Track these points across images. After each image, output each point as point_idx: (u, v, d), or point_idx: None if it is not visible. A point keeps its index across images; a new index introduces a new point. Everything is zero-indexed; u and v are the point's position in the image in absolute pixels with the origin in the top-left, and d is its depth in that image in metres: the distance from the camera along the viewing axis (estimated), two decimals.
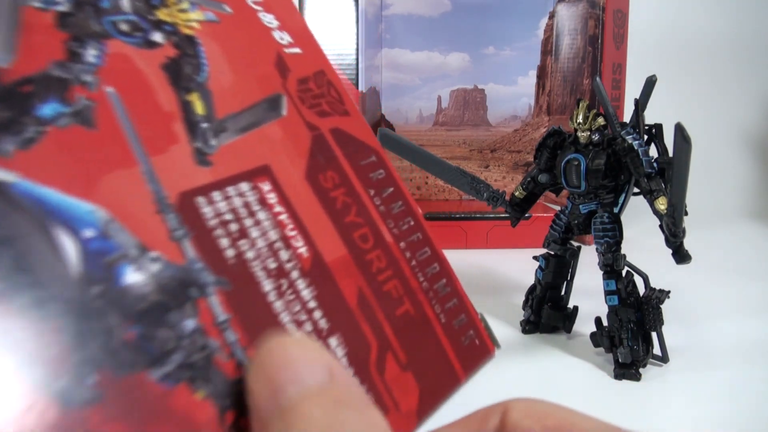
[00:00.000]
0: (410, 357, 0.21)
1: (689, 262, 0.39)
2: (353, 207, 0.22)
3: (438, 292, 0.23)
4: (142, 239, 0.17)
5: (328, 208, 0.21)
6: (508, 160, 0.83)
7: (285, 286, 0.19)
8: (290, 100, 0.23)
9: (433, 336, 0.22)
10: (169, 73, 0.20)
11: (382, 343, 0.21)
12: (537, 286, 0.47)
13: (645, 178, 0.39)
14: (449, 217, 0.72)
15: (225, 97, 0.21)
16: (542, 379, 0.40)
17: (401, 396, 0.20)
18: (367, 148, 0.24)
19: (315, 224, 0.21)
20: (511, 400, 0.20)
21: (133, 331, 0.16)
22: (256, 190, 0.20)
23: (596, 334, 0.43)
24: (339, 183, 0.22)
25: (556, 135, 0.45)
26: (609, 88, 0.72)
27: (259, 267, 0.19)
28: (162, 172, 0.18)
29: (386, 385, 0.20)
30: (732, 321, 0.50)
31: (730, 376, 0.41)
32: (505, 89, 0.82)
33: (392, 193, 0.24)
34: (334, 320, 0.20)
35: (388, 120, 0.82)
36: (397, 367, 0.20)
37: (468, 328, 0.24)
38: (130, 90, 0.19)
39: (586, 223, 0.44)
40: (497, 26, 0.80)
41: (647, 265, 0.42)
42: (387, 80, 0.80)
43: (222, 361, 0.17)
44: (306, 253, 0.20)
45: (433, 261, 0.24)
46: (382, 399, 0.20)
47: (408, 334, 0.21)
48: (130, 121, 0.19)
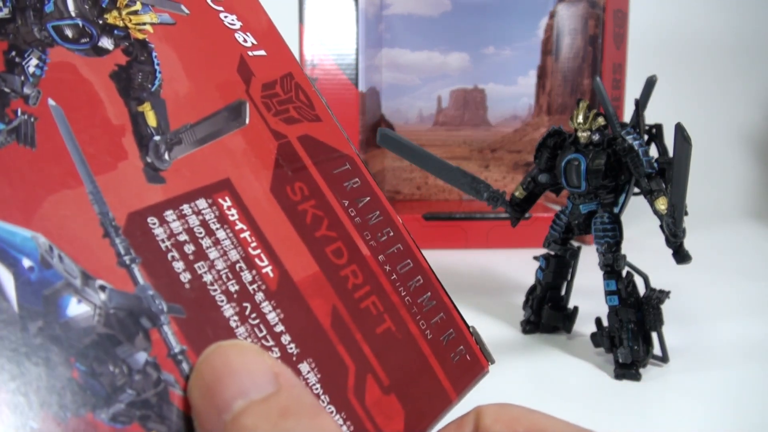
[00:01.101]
0: (393, 378, 0.19)
1: (689, 262, 0.39)
2: (325, 220, 0.21)
3: (423, 307, 0.22)
4: (87, 267, 0.16)
5: (297, 223, 0.20)
6: (508, 160, 0.83)
7: (249, 310, 0.18)
8: (254, 107, 0.21)
9: (419, 354, 0.21)
10: (119, 82, 0.18)
11: (360, 365, 0.19)
12: (537, 286, 0.47)
13: (645, 178, 0.39)
14: (449, 217, 0.72)
15: (180, 107, 0.19)
16: (542, 380, 0.40)
17: (384, 421, 0.19)
18: (341, 156, 0.23)
19: (282, 241, 0.19)
20: (483, 406, 0.19)
21: (78, 368, 0.15)
22: (215, 206, 0.19)
23: (596, 335, 0.43)
24: (308, 195, 0.21)
25: (557, 135, 0.45)
26: (609, 88, 0.72)
27: (219, 290, 0.17)
28: (110, 192, 0.17)
29: (367, 410, 0.18)
30: (732, 321, 0.50)
31: (730, 376, 0.41)
32: (505, 89, 0.82)
33: (369, 203, 0.22)
34: (305, 344, 0.18)
35: (388, 120, 0.82)
36: (379, 391, 0.19)
37: (458, 343, 0.22)
38: (75, 103, 0.17)
39: (587, 223, 0.44)
40: (497, 26, 0.80)
41: (647, 266, 0.42)
42: (387, 80, 0.80)
43: (178, 396, 0.16)
44: (272, 273, 0.19)
45: (416, 273, 0.22)
46: (363, 426, 0.18)
47: (390, 353, 0.20)
48: (74, 137, 0.17)
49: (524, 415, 0.19)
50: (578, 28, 0.76)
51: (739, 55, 1.09)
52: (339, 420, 0.18)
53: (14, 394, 0.14)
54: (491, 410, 0.19)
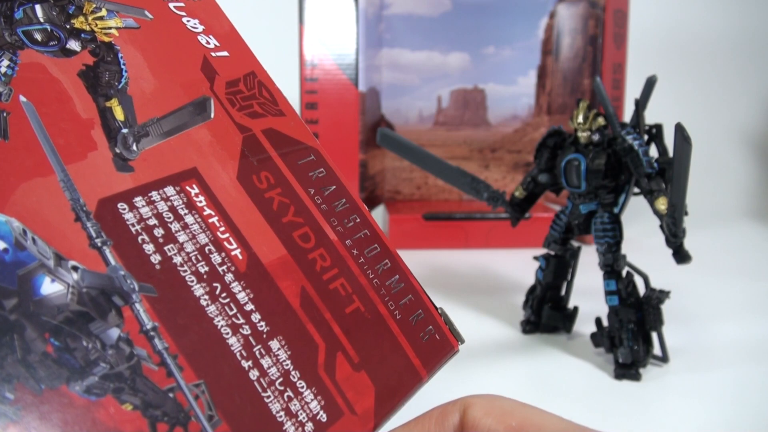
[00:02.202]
0: (363, 356, 0.20)
1: (689, 262, 0.38)
2: (291, 207, 0.22)
3: (391, 289, 0.23)
4: (60, 249, 0.17)
5: (264, 209, 0.21)
6: (508, 160, 0.83)
7: (219, 290, 0.19)
8: (218, 102, 0.22)
9: (388, 333, 0.22)
10: (87, 80, 0.20)
11: (330, 343, 0.20)
12: (537, 286, 0.47)
13: (645, 178, 0.39)
14: (449, 217, 0.72)
15: (147, 102, 0.21)
16: (542, 380, 0.40)
17: (355, 397, 0.20)
18: (306, 148, 0.24)
19: (249, 226, 0.20)
20: (471, 396, 0.19)
21: (52, 343, 0.16)
22: (183, 193, 0.20)
23: (596, 335, 0.43)
24: (274, 183, 0.22)
25: (557, 135, 0.45)
26: (609, 88, 0.72)
27: (189, 271, 0.18)
28: (80, 180, 0.18)
29: (338, 386, 0.19)
30: (732, 321, 0.50)
31: (730, 376, 0.41)
32: (505, 89, 0.82)
33: (334, 191, 0.24)
34: (275, 322, 0.19)
35: (388, 120, 0.82)
36: (349, 367, 0.20)
37: (427, 323, 0.23)
38: (45, 99, 0.19)
39: (587, 224, 0.44)
40: (497, 26, 0.80)
41: (647, 265, 0.42)
42: (387, 80, 0.80)
43: (151, 370, 0.16)
44: (240, 256, 0.20)
45: (384, 257, 0.23)
46: (334, 401, 0.19)
47: (360, 332, 0.21)
48: (45, 130, 0.18)
49: (516, 408, 0.18)
50: (578, 28, 0.76)
51: (739, 55, 1.09)
52: (309, 395, 0.19)
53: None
54: (481, 402, 0.19)
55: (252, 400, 0.18)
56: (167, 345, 0.17)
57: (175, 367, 0.17)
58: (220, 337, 0.18)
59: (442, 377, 0.42)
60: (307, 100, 0.71)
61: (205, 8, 0.25)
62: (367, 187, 0.73)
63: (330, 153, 0.25)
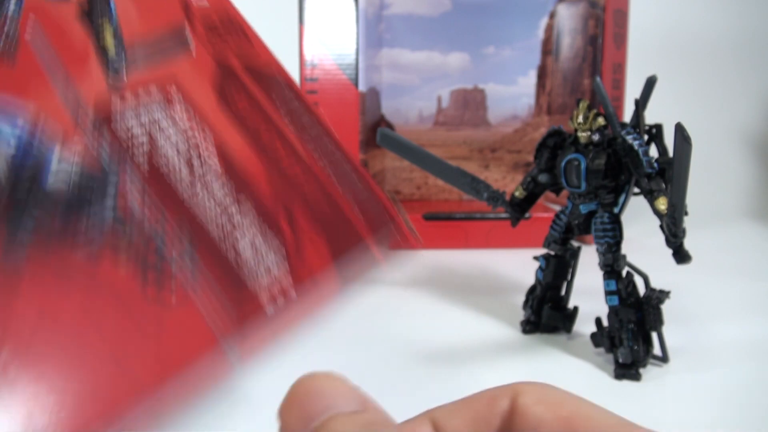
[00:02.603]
0: (317, 217, 0.26)
1: (689, 262, 0.38)
2: (260, 114, 0.27)
3: (349, 182, 0.28)
4: (63, 147, 0.21)
5: (239, 122, 0.26)
6: (508, 160, 0.83)
7: (196, 166, 0.24)
8: (196, 37, 0.28)
9: (343, 213, 0.27)
10: (83, 19, 0.25)
11: (288, 206, 0.25)
12: (537, 286, 0.47)
13: (645, 178, 0.39)
14: (449, 217, 0.72)
15: (135, 38, 0.25)
16: (542, 380, 0.40)
17: (310, 244, 0.25)
18: (274, 77, 0.29)
19: (226, 135, 0.25)
20: (522, 383, 0.19)
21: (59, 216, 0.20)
22: (167, 103, 0.25)
23: (596, 335, 0.43)
24: (246, 99, 0.27)
25: (557, 135, 0.45)
26: (609, 88, 0.72)
27: (174, 154, 0.23)
28: (79, 91, 0.22)
29: (296, 234, 0.25)
30: (732, 321, 0.50)
31: (730, 376, 0.41)
32: (505, 89, 0.82)
33: (298, 108, 0.29)
34: (243, 186, 0.24)
35: (388, 120, 0.82)
36: (307, 222, 0.25)
37: (384, 217, 0.29)
38: (47, 34, 0.23)
39: (586, 224, 0.44)
40: (497, 26, 0.80)
41: (647, 265, 0.42)
42: (387, 80, 0.80)
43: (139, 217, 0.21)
44: (212, 148, 0.25)
45: (342, 162, 0.29)
46: (297, 244, 0.24)
47: (316, 201, 0.26)
48: (48, 56, 0.22)
49: (567, 399, 0.18)
50: (578, 28, 0.76)
51: (739, 55, 1.09)
52: (276, 240, 0.24)
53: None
54: (532, 389, 0.19)
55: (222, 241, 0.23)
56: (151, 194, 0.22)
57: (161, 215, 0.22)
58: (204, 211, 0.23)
59: (442, 377, 0.42)
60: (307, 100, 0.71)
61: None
62: None
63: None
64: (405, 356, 0.43)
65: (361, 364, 0.42)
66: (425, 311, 0.52)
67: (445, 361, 0.43)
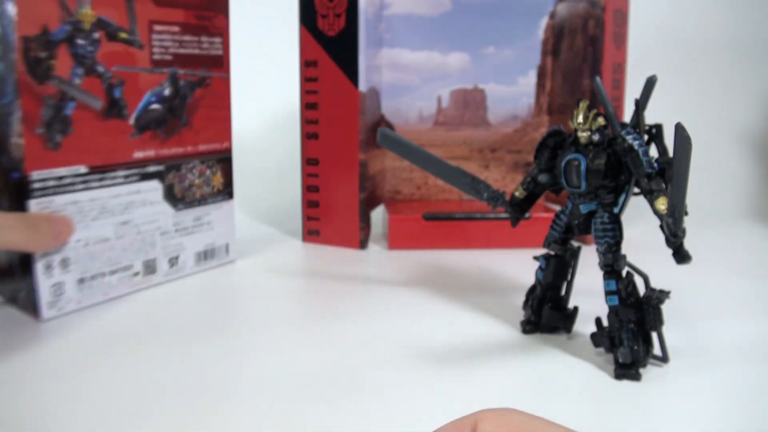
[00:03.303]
0: None
1: (690, 262, 0.38)
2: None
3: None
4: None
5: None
6: (508, 160, 0.83)
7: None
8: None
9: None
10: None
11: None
12: (537, 286, 0.47)
13: (645, 178, 0.39)
14: (449, 217, 0.72)
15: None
16: (542, 380, 0.40)
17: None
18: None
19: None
20: (483, 411, 0.19)
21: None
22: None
23: (596, 335, 0.43)
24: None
25: (557, 135, 0.45)
26: (609, 88, 0.72)
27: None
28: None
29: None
30: (732, 321, 0.50)
31: (730, 376, 0.41)
32: (505, 89, 0.82)
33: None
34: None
35: (388, 120, 0.82)
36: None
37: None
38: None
39: (587, 223, 0.44)
40: (497, 26, 0.80)
41: (647, 265, 0.42)
42: (387, 80, 0.80)
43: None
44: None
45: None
46: None
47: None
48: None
49: (525, 422, 0.18)
50: (578, 28, 0.76)
51: (739, 55, 1.09)
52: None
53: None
54: (492, 416, 0.19)
55: None
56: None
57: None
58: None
59: (442, 377, 0.42)
60: (307, 100, 0.71)
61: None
62: (367, 187, 0.73)
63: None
64: (404, 356, 0.43)
65: (361, 364, 0.42)
66: (425, 311, 0.52)
67: (445, 360, 0.43)
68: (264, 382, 0.39)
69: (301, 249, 0.72)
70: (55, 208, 0.49)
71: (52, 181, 0.48)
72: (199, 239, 0.62)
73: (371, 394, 0.38)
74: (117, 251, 0.54)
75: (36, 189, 0.47)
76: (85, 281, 0.52)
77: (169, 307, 0.52)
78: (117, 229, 0.54)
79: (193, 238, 0.62)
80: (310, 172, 0.73)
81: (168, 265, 0.59)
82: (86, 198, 0.51)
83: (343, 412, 0.36)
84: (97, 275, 0.53)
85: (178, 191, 0.59)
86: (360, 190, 0.71)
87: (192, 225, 0.61)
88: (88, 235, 0.52)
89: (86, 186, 0.51)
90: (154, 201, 0.57)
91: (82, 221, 0.51)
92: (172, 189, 0.59)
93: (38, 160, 0.47)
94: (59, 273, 0.50)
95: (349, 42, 0.68)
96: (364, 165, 0.71)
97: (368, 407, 0.37)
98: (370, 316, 0.51)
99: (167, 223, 0.59)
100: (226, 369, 0.41)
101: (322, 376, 0.40)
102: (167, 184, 0.58)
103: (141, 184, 0.56)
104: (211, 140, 0.63)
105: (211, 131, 0.62)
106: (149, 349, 0.44)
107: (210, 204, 0.63)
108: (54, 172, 0.48)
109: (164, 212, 0.58)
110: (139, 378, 0.40)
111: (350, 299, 0.55)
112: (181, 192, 0.60)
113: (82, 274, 0.51)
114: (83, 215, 0.51)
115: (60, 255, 0.49)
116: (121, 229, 0.54)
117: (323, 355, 0.44)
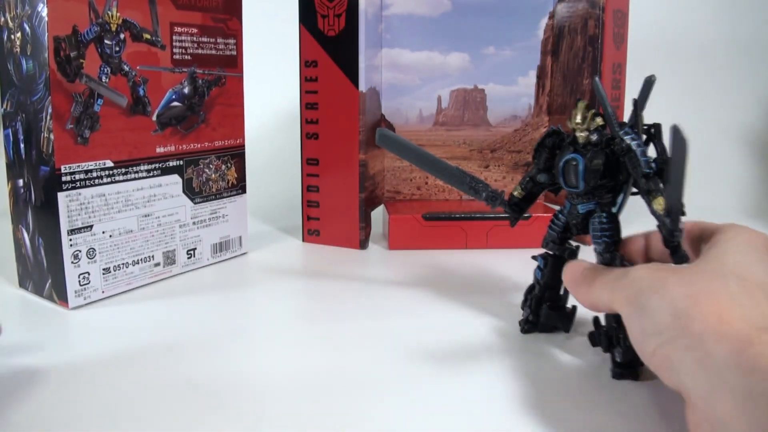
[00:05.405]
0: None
1: (688, 262, 0.39)
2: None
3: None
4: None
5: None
6: (508, 160, 0.84)
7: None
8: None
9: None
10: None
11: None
12: (535, 285, 0.47)
13: (643, 178, 0.39)
14: (449, 217, 0.72)
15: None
16: (541, 379, 0.40)
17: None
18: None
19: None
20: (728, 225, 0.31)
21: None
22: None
23: (594, 334, 0.43)
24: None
25: (555, 135, 0.45)
26: (609, 88, 0.72)
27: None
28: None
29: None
30: None
31: None
32: (505, 89, 0.82)
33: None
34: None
35: (388, 120, 0.82)
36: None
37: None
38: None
39: (585, 223, 0.44)
40: (497, 26, 0.80)
41: None
42: (387, 80, 0.80)
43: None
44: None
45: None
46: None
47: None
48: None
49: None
50: (578, 28, 0.76)
51: (739, 55, 1.09)
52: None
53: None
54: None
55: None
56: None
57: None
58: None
59: (441, 376, 0.42)
60: (307, 100, 0.72)
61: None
62: (367, 187, 0.73)
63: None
64: (404, 356, 0.43)
65: (361, 364, 0.43)
66: (424, 311, 0.53)
67: (445, 360, 0.43)
68: (264, 382, 0.39)
69: (301, 249, 0.73)
70: (83, 201, 0.51)
71: (80, 175, 0.50)
72: (215, 231, 0.65)
73: (371, 394, 0.38)
74: (139, 242, 0.56)
75: (66, 182, 0.49)
76: (110, 271, 0.54)
77: (183, 302, 0.53)
78: (140, 221, 0.56)
79: (210, 230, 0.64)
80: (310, 172, 0.73)
81: (186, 257, 0.62)
82: (112, 191, 0.53)
83: (342, 412, 0.36)
84: (120, 265, 0.55)
85: (196, 185, 0.62)
86: (360, 190, 0.71)
87: (209, 218, 0.64)
88: (113, 227, 0.54)
89: (112, 180, 0.53)
90: (174, 194, 0.59)
91: (108, 213, 0.53)
92: (190, 183, 0.61)
93: (68, 154, 0.49)
94: (86, 263, 0.52)
95: (349, 42, 0.68)
96: (364, 165, 0.71)
97: (368, 406, 0.37)
98: (369, 316, 0.51)
99: (186, 215, 0.61)
100: (226, 369, 0.41)
101: (322, 375, 0.40)
102: (186, 178, 0.61)
103: (162, 178, 0.58)
104: (227, 137, 0.65)
105: (226, 128, 0.65)
106: (153, 350, 0.44)
107: (225, 198, 0.66)
108: (82, 166, 0.50)
109: (183, 205, 0.61)
110: (139, 378, 0.40)
111: (350, 299, 0.55)
112: (199, 186, 0.62)
113: (107, 264, 0.54)
114: (109, 207, 0.53)
115: (87, 245, 0.51)
116: (143, 221, 0.56)
117: (323, 354, 0.44)
